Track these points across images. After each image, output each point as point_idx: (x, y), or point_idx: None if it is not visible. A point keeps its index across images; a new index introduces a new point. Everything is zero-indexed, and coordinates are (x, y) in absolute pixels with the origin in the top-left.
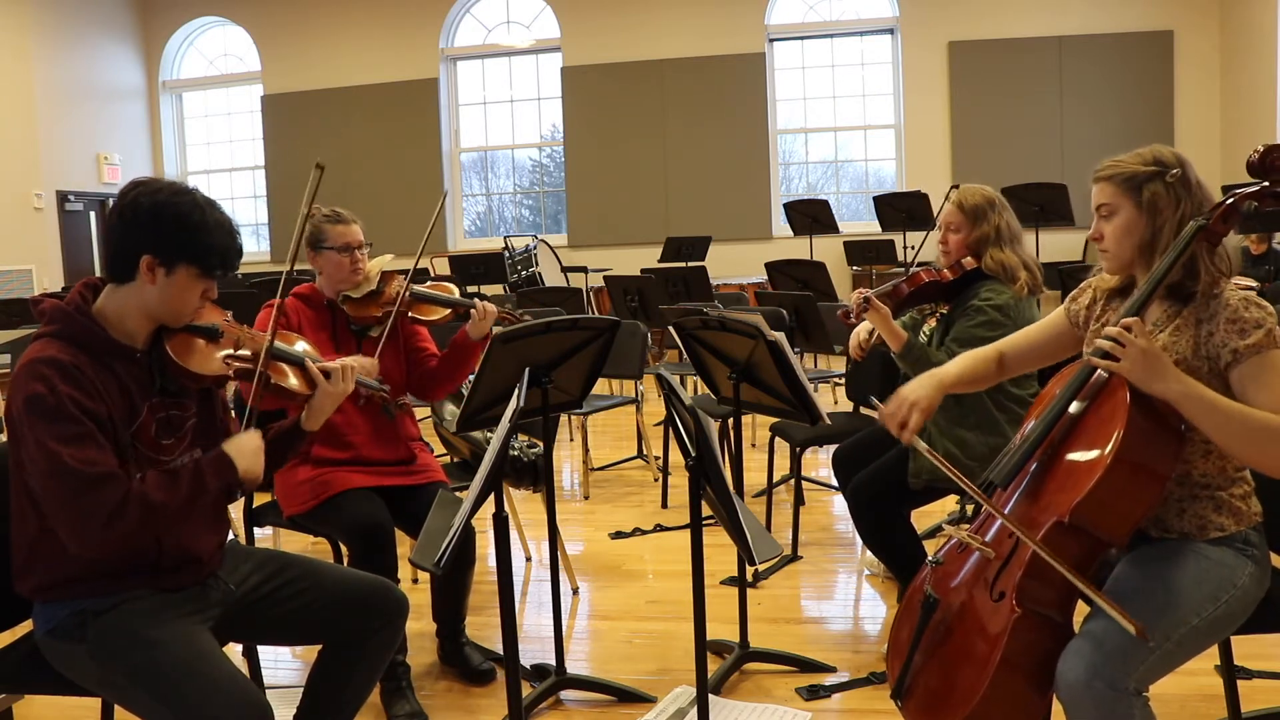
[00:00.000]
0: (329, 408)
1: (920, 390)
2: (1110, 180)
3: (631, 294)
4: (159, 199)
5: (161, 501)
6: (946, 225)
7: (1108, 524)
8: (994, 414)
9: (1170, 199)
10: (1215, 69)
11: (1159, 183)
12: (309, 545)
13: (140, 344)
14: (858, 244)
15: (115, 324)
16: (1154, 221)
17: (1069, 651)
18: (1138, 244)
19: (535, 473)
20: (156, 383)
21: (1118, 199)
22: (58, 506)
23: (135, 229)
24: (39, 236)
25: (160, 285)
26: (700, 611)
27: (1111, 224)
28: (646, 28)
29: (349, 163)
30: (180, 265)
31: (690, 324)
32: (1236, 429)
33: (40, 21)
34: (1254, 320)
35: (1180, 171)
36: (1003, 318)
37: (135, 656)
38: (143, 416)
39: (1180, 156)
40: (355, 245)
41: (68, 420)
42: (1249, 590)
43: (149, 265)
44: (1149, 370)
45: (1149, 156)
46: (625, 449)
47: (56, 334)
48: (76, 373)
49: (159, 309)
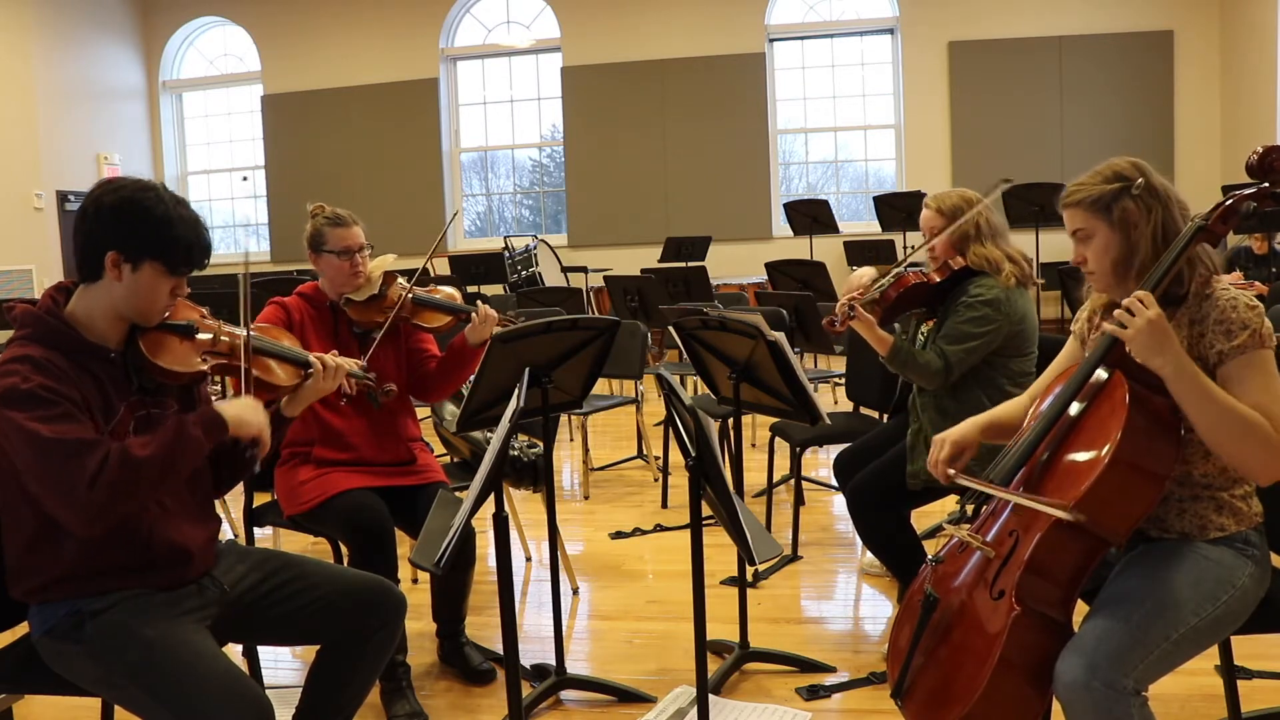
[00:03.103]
0: (312, 398)
1: (957, 431)
2: (1079, 205)
3: (631, 294)
4: (122, 194)
5: (145, 456)
6: (930, 231)
7: (1107, 523)
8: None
9: (1141, 210)
10: (1215, 69)
11: (1126, 198)
12: (309, 545)
13: (114, 344)
14: (858, 244)
15: (87, 325)
16: (1130, 236)
17: (1067, 651)
18: (1120, 260)
19: (535, 473)
20: (134, 382)
21: (1090, 222)
22: (44, 479)
23: (99, 226)
24: (39, 236)
25: (126, 282)
26: (700, 611)
27: (1090, 247)
28: (646, 28)
29: (349, 163)
30: (145, 261)
31: (690, 324)
32: (1218, 418)
33: (40, 21)
34: (1240, 321)
35: (1143, 181)
36: (995, 313)
37: (133, 655)
38: (120, 415)
39: (1140, 165)
40: (355, 248)
41: (44, 404)
42: (1249, 590)
43: (114, 261)
44: (1152, 339)
45: (1109, 173)
46: (625, 449)
47: (29, 338)
48: (50, 366)
49: (127, 307)
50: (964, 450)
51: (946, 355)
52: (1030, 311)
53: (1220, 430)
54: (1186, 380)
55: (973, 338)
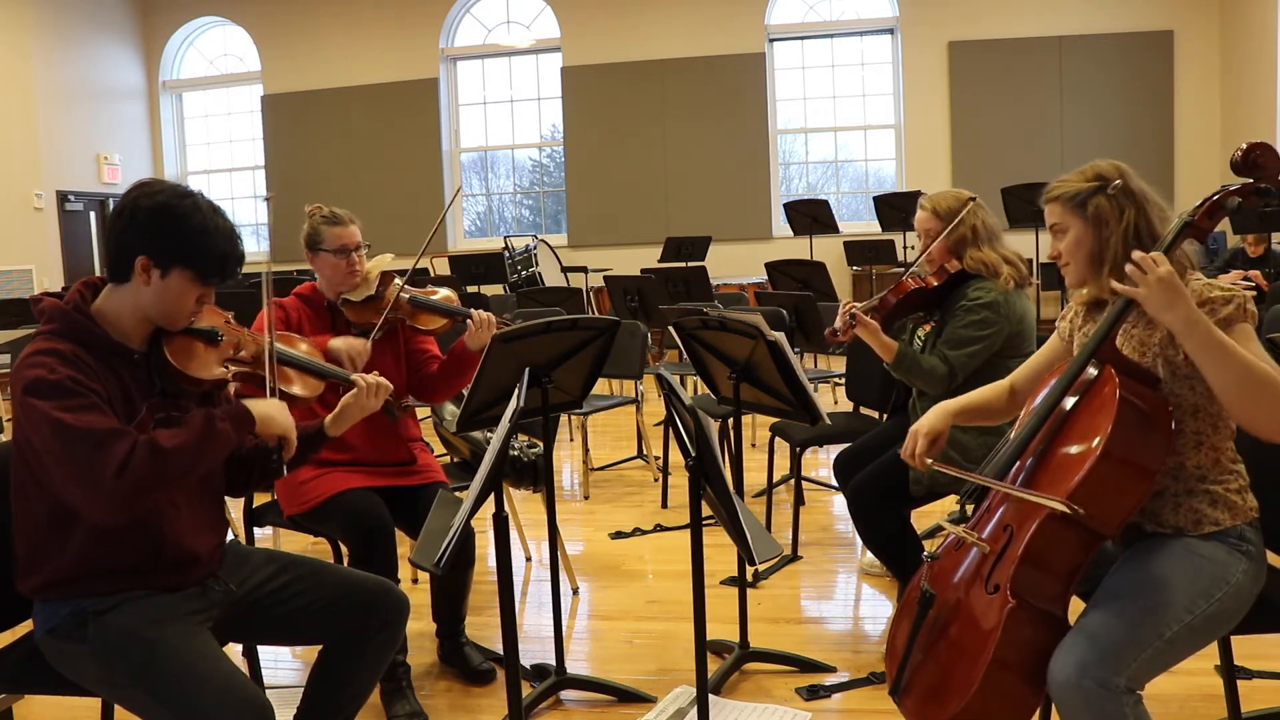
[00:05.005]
0: (357, 416)
1: (926, 421)
2: (1058, 200)
3: (631, 294)
4: (159, 200)
5: (173, 446)
6: (925, 233)
7: (1099, 515)
8: None
9: (1114, 210)
10: (1215, 69)
11: (1101, 196)
12: (309, 545)
13: (137, 345)
14: (858, 244)
15: (113, 324)
16: (1101, 233)
17: (1060, 649)
18: (1091, 255)
19: (535, 473)
20: (156, 385)
21: (1066, 218)
22: (69, 469)
23: (133, 229)
24: (39, 236)
25: (154, 287)
26: (700, 611)
27: (1064, 242)
28: (646, 28)
29: (349, 163)
30: (175, 268)
31: (690, 324)
32: (1235, 372)
33: (40, 21)
34: (1221, 298)
35: (1121, 183)
36: (994, 315)
37: (135, 656)
38: (141, 415)
39: (1121, 168)
40: (352, 247)
41: (70, 394)
42: (1244, 587)
43: (144, 266)
44: (1165, 294)
45: (1090, 173)
46: (625, 449)
47: (55, 333)
48: (76, 360)
49: (153, 311)
50: (937, 439)
51: (950, 360)
52: (1029, 312)
53: (1236, 385)
54: (1201, 333)
55: (975, 341)
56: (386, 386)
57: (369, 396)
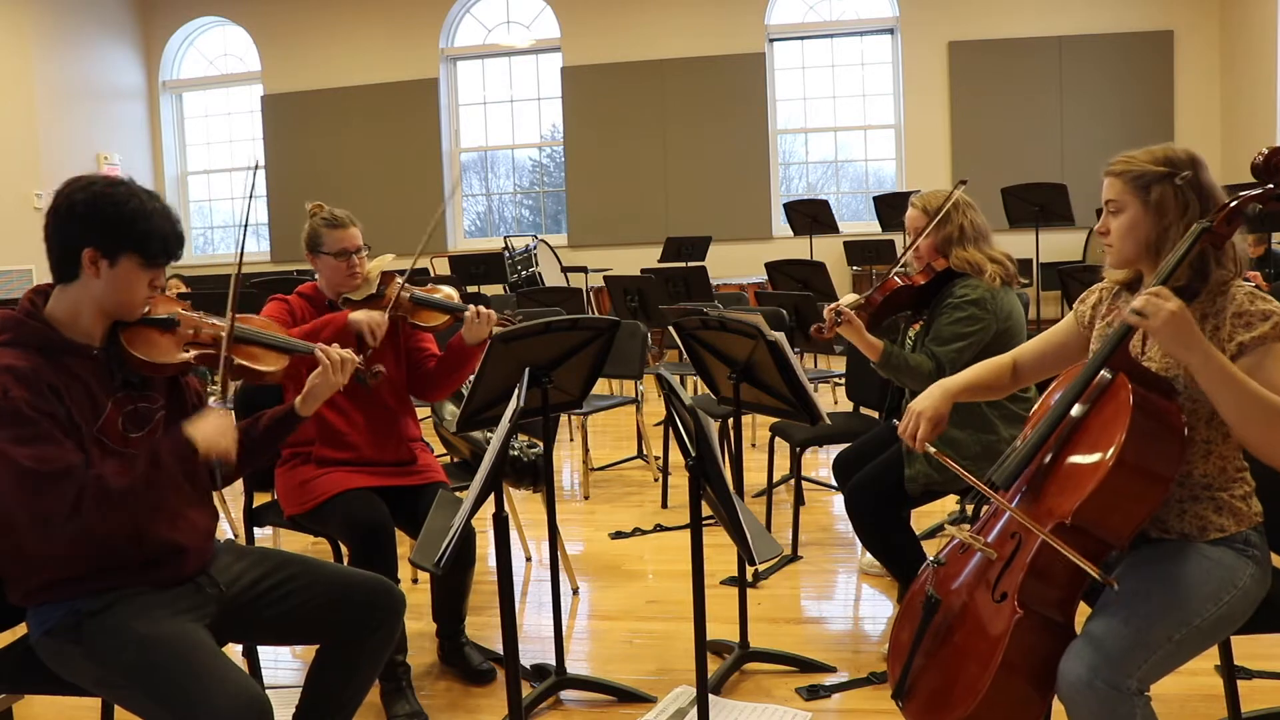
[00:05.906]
0: (325, 394)
1: (926, 400)
2: (1120, 177)
3: (631, 294)
4: (94, 190)
5: (120, 488)
6: (915, 231)
7: (1110, 526)
8: (985, 411)
9: (1178, 202)
10: (1215, 69)
11: (1168, 184)
12: (309, 545)
13: (97, 341)
14: (858, 244)
15: (69, 324)
16: (1160, 222)
17: (1070, 651)
18: (1142, 242)
19: (535, 473)
20: (118, 378)
21: (1125, 196)
22: (17, 508)
23: (74, 224)
24: (39, 236)
25: (105, 278)
26: (700, 611)
27: (1118, 220)
28: (646, 28)
29: (349, 163)
30: (122, 255)
31: (690, 324)
32: (1251, 407)
33: (40, 21)
34: (1260, 313)
35: (1191, 174)
36: (981, 312)
37: (130, 655)
38: (107, 412)
39: (1195, 158)
40: (352, 250)
41: (22, 422)
42: (1250, 590)
43: (91, 258)
44: (1177, 331)
45: (1161, 156)
46: (625, 449)
47: (10, 342)
48: (32, 375)
49: (108, 303)
50: (939, 423)
51: (937, 356)
52: (1017, 308)
53: (1254, 420)
54: (1216, 370)
55: (961, 338)
56: (351, 359)
57: (335, 372)
